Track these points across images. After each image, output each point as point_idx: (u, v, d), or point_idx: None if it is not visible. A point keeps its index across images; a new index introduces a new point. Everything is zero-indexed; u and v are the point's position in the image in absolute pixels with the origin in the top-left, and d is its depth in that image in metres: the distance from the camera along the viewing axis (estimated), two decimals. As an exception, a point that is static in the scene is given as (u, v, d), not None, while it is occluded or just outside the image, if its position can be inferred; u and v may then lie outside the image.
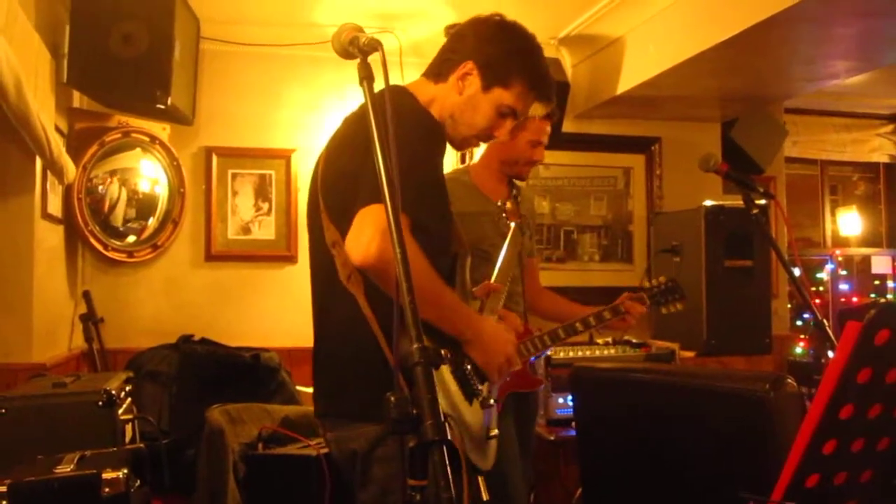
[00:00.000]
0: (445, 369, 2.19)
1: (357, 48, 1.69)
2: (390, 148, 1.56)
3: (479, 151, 3.70)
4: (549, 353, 4.11)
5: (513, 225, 3.31)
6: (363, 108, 2.22)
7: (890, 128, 7.64)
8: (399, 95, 2.19)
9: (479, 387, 2.28)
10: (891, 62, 4.89)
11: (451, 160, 5.31)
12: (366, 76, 1.65)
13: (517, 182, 3.56)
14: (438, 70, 2.36)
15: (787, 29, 4.02)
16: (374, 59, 1.68)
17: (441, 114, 2.34)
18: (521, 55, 2.35)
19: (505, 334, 2.31)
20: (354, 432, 2.13)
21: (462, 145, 2.43)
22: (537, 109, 2.46)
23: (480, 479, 2.31)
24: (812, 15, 3.81)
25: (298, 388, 4.51)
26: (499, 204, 3.50)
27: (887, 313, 1.41)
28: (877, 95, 6.88)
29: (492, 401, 2.35)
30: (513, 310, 3.26)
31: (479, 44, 2.33)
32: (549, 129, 3.56)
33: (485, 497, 2.28)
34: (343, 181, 2.09)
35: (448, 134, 2.37)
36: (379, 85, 1.65)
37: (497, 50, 2.32)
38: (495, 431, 2.39)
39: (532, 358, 3.45)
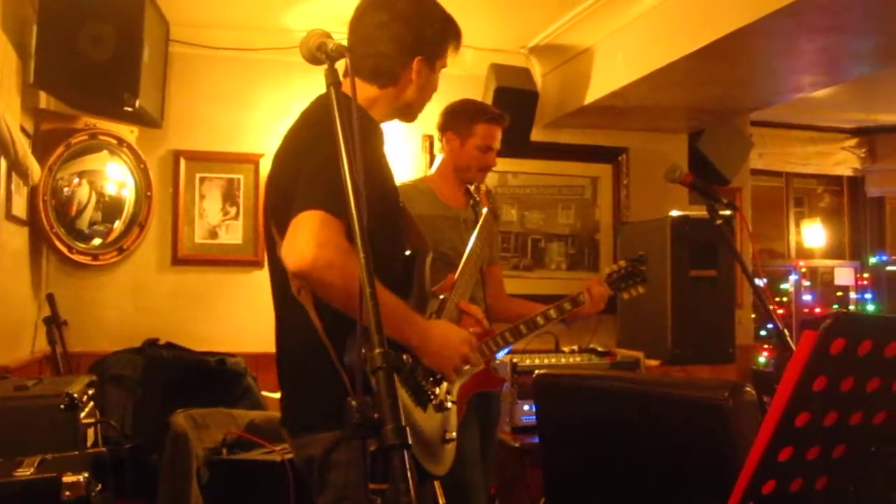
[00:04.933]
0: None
1: (325, 54, 1.69)
2: (356, 154, 1.56)
3: (436, 163, 3.72)
4: (512, 356, 4.13)
5: (485, 210, 3.32)
6: (300, 120, 2.25)
7: (854, 142, 7.75)
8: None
9: (434, 391, 2.27)
10: (854, 76, 4.97)
11: (419, 167, 5.31)
12: (333, 82, 1.65)
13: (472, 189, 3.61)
14: (378, 73, 2.31)
15: (753, 42, 4.08)
16: (341, 65, 1.69)
17: (387, 111, 2.36)
18: (444, 23, 2.38)
19: (458, 334, 2.26)
20: (311, 439, 2.13)
21: (414, 118, 2.48)
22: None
23: (437, 483, 2.31)
24: (778, 29, 3.86)
25: (264, 393, 4.49)
26: (472, 188, 3.52)
27: (842, 323, 1.44)
28: (842, 109, 6.99)
29: (448, 403, 2.33)
30: (471, 299, 3.26)
31: (417, 34, 2.32)
32: (499, 134, 3.57)
33: (441, 502, 2.28)
34: (285, 195, 2.08)
35: (403, 118, 2.43)
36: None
37: (432, 31, 2.34)
38: (452, 435, 2.36)
39: (497, 354, 3.43)
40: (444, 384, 2.33)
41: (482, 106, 3.68)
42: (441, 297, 2.51)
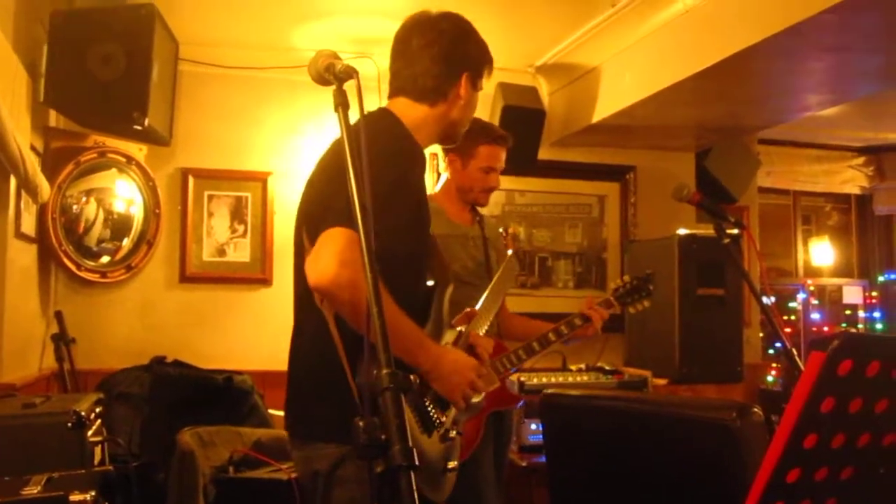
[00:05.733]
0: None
1: (333, 75, 1.69)
2: (364, 174, 1.56)
3: (440, 182, 3.72)
4: (519, 375, 4.12)
5: (510, 252, 3.31)
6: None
7: (862, 160, 7.73)
8: (379, 120, 2.21)
9: (441, 419, 2.26)
10: (861, 95, 4.98)
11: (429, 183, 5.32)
12: (341, 103, 1.65)
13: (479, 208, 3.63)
14: (427, 91, 2.35)
15: (760, 61, 4.08)
16: (350, 86, 1.69)
17: (435, 131, 2.39)
18: (483, 44, 2.46)
19: (466, 361, 2.27)
20: (317, 452, 2.14)
21: (457, 139, 2.54)
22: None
23: None
24: (785, 49, 3.87)
25: (271, 411, 4.49)
26: (501, 231, 3.52)
27: (850, 344, 1.43)
28: (849, 128, 6.98)
29: (453, 433, 2.31)
30: (487, 332, 3.26)
31: (463, 51, 2.38)
32: (502, 154, 3.55)
33: None
34: (320, 205, 2.10)
35: (447, 140, 2.49)
36: (354, 111, 1.64)
37: (475, 49, 2.42)
38: (454, 464, 2.34)
39: (513, 369, 3.43)
40: (452, 413, 2.32)
41: (485, 126, 3.64)
42: (459, 329, 2.50)
